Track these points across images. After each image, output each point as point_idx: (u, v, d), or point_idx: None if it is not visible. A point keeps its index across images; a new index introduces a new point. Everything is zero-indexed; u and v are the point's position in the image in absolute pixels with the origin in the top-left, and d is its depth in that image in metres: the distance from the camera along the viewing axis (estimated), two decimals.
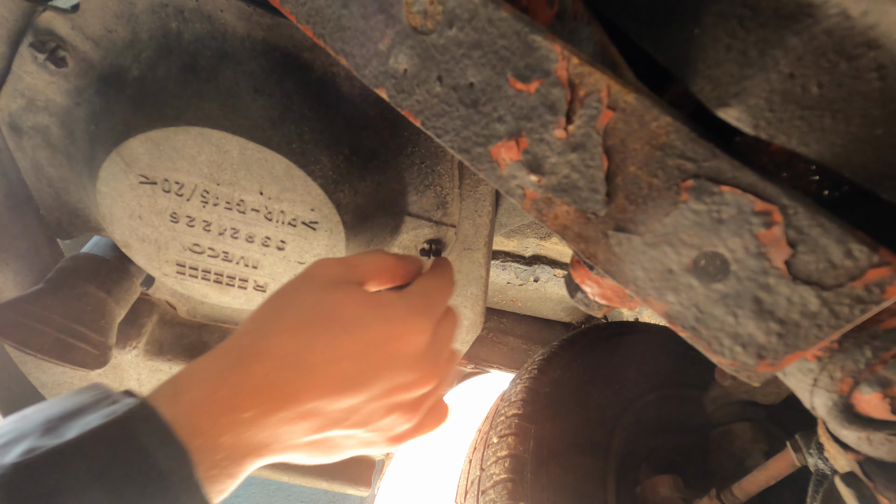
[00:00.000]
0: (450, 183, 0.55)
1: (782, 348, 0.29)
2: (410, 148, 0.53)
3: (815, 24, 0.27)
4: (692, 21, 0.32)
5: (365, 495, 1.09)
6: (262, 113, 0.44)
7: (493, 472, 0.93)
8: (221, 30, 0.44)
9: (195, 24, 0.44)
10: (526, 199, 0.33)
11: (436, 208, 0.57)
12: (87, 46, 0.44)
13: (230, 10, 0.43)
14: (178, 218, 0.48)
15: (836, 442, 0.43)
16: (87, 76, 0.45)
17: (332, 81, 0.47)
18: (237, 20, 0.43)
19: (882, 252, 0.26)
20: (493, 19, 0.30)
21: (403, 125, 0.51)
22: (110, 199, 0.48)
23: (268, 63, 0.45)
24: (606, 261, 0.32)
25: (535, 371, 1.04)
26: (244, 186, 0.46)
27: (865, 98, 0.28)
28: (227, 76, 0.44)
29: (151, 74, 0.44)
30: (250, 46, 0.45)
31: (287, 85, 0.45)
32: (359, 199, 0.50)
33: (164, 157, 0.44)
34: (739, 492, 0.77)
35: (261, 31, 0.44)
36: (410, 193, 0.56)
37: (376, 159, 0.51)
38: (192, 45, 0.44)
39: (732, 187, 0.28)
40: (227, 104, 0.43)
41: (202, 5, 0.43)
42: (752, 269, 0.28)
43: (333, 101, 0.48)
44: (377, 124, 0.50)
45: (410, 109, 0.34)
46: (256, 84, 0.44)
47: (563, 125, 0.30)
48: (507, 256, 1.41)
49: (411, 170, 0.54)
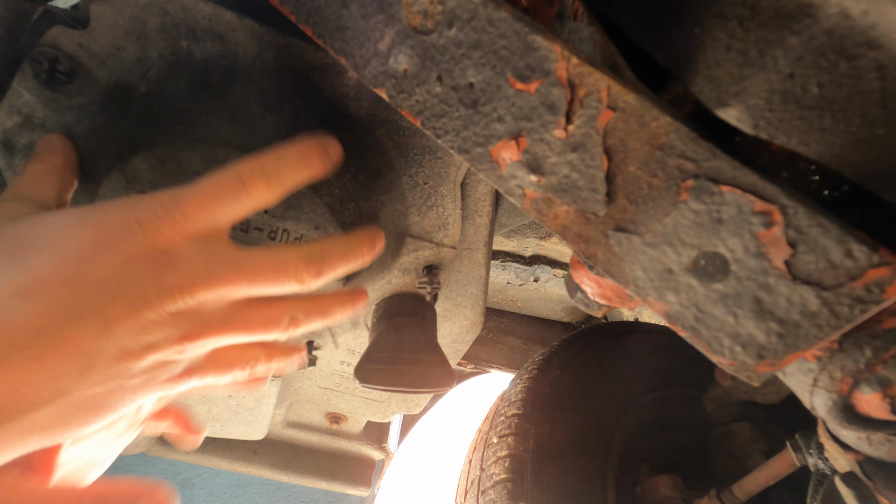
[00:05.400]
0: (452, 204, 0.55)
1: (782, 348, 0.29)
2: (415, 169, 0.52)
3: (815, 24, 0.27)
4: (692, 21, 0.32)
5: (365, 495, 1.09)
6: (270, 130, 0.44)
7: (493, 472, 0.93)
8: (233, 49, 0.44)
9: (206, 43, 0.43)
10: (526, 199, 0.33)
11: (437, 230, 0.57)
12: (92, 63, 0.44)
13: (242, 29, 0.43)
14: None
15: (836, 442, 0.43)
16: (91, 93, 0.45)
17: (340, 101, 0.47)
18: (249, 39, 0.43)
19: (882, 252, 0.26)
20: (492, 19, 0.30)
21: (409, 146, 0.51)
22: None
23: (278, 82, 0.45)
24: (606, 261, 0.32)
25: (535, 371, 1.04)
26: None
27: (865, 98, 0.28)
28: (237, 94, 0.44)
29: (159, 91, 0.43)
30: (261, 65, 0.44)
31: (296, 103, 0.45)
32: (363, 218, 0.49)
33: (167, 174, 0.43)
34: (739, 492, 0.77)
35: (272, 50, 0.44)
36: (413, 214, 0.56)
37: (381, 179, 0.51)
38: (202, 64, 0.44)
39: (732, 187, 0.28)
40: (235, 121, 0.43)
41: (214, 25, 0.43)
42: (752, 269, 0.28)
43: (341, 121, 0.47)
44: (383, 144, 0.50)
45: (410, 109, 0.34)
46: (266, 102, 0.44)
47: (563, 125, 0.30)
48: (507, 256, 1.41)
49: (415, 191, 0.54)
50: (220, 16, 0.42)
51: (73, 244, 0.28)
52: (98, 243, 0.28)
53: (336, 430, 1.00)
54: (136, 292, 0.29)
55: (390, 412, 0.93)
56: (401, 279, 0.60)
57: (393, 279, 0.60)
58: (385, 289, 0.62)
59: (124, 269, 0.29)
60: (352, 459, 1.07)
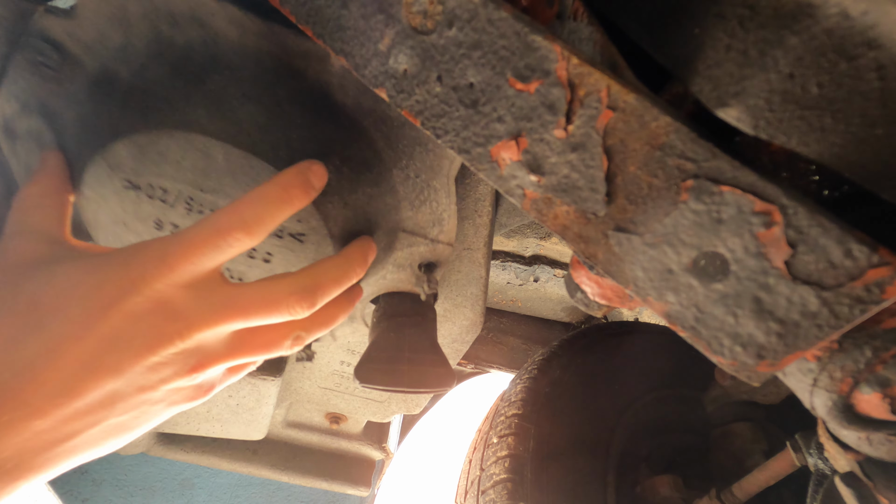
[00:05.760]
0: (446, 199, 0.54)
1: (782, 348, 0.29)
2: (406, 161, 0.51)
3: (814, 24, 0.27)
4: (692, 21, 0.32)
5: (365, 495, 1.09)
6: (249, 119, 0.43)
7: (493, 472, 0.93)
8: (213, 35, 0.43)
9: (187, 29, 0.43)
10: (526, 199, 0.33)
11: (431, 225, 0.55)
12: (80, 50, 0.43)
13: (222, 15, 0.42)
14: (162, 225, 0.47)
15: (836, 442, 0.43)
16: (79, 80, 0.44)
17: (324, 90, 0.46)
18: (229, 26, 0.42)
19: (882, 252, 0.26)
20: (492, 19, 0.30)
21: (399, 137, 0.49)
22: (95, 204, 0.47)
23: (258, 69, 0.44)
24: (606, 261, 0.32)
25: (535, 371, 1.04)
26: (229, 194, 0.44)
27: (865, 98, 0.28)
28: (216, 81, 0.43)
29: (141, 78, 0.43)
30: (241, 52, 0.43)
31: (277, 91, 0.44)
32: (348, 211, 0.48)
33: (148, 162, 0.43)
34: (739, 492, 0.77)
35: (253, 37, 0.43)
36: (405, 209, 0.54)
37: (369, 171, 0.49)
38: (182, 50, 0.43)
39: (732, 187, 0.28)
40: (213, 109, 0.42)
41: (194, 11, 0.42)
42: (752, 269, 0.28)
43: (325, 110, 0.46)
44: (371, 135, 0.48)
45: (410, 110, 0.34)
46: (245, 90, 0.43)
47: (563, 125, 0.30)
48: (507, 256, 1.41)
49: (406, 184, 0.52)
50: (200, 1, 0.41)
51: (81, 307, 0.32)
52: (101, 305, 0.33)
53: (336, 430, 1.00)
54: (140, 343, 0.33)
55: (390, 412, 0.93)
56: (395, 275, 0.59)
57: (388, 274, 0.59)
58: (380, 284, 0.61)
59: (127, 325, 0.33)
60: (352, 459, 1.07)
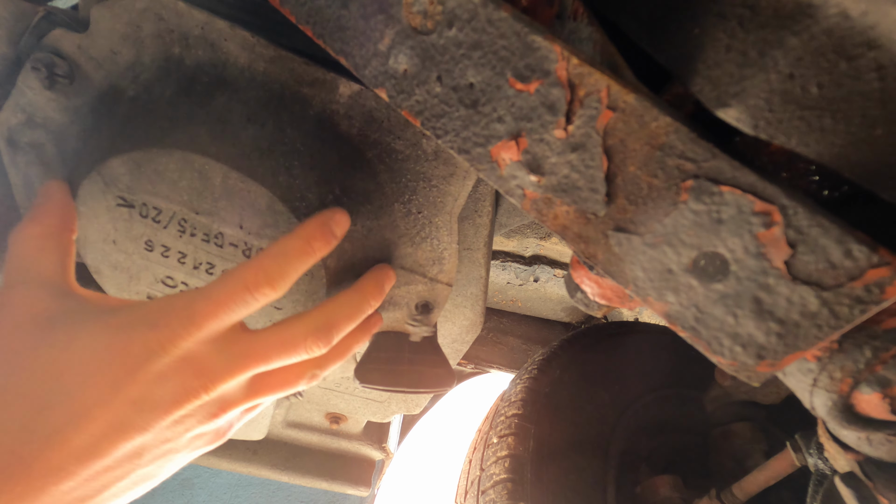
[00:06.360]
0: (448, 238, 0.52)
1: (782, 348, 0.29)
2: (408, 196, 0.49)
3: (814, 25, 0.27)
4: (692, 21, 0.32)
5: (365, 495, 1.09)
6: (251, 142, 0.42)
7: (493, 472, 0.93)
8: (223, 58, 0.43)
9: (197, 51, 0.43)
10: (526, 199, 0.33)
11: (431, 264, 0.54)
12: (90, 66, 0.43)
13: (234, 39, 0.42)
14: (153, 246, 0.46)
15: (835, 442, 0.43)
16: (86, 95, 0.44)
17: (329, 119, 0.45)
18: (240, 49, 0.42)
19: (882, 252, 0.26)
20: (492, 19, 0.30)
21: (402, 171, 0.48)
22: (86, 220, 0.46)
23: (265, 94, 0.43)
24: (606, 261, 0.32)
25: (535, 371, 1.04)
26: (224, 218, 0.44)
27: (865, 98, 0.28)
28: (221, 102, 0.43)
29: (146, 95, 0.43)
30: (249, 76, 0.43)
31: (282, 117, 0.44)
32: (345, 243, 0.47)
33: (144, 180, 0.42)
34: (739, 492, 0.77)
35: (262, 62, 0.43)
36: (405, 245, 0.52)
37: (369, 203, 0.48)
38: (191, 71, 0.43)
39: (732, 187, 0.28)
40: (215, 129, 0.42)
41: (207, 33, 0.42)
42: (752, 269, 0.28)
43: (329, 139, 0.45)
44: (374, 167, 0.48)
45: (410, 110, 0.34)
46: (250, 112, 0.43)
47: (563, 125, 0.30)
48: (507, 256, 1.41)
49: (407, 219, 0.51)
50: (212, 24, 0.42)
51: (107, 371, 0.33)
52: (128, 369, 0.33)
53: (336, 430, 1.00)
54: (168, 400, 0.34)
55: (390, 412, 0.93)
56: (391, 313, 0.57)
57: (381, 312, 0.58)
58: None
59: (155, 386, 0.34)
60: (352, 459, 1.07)
